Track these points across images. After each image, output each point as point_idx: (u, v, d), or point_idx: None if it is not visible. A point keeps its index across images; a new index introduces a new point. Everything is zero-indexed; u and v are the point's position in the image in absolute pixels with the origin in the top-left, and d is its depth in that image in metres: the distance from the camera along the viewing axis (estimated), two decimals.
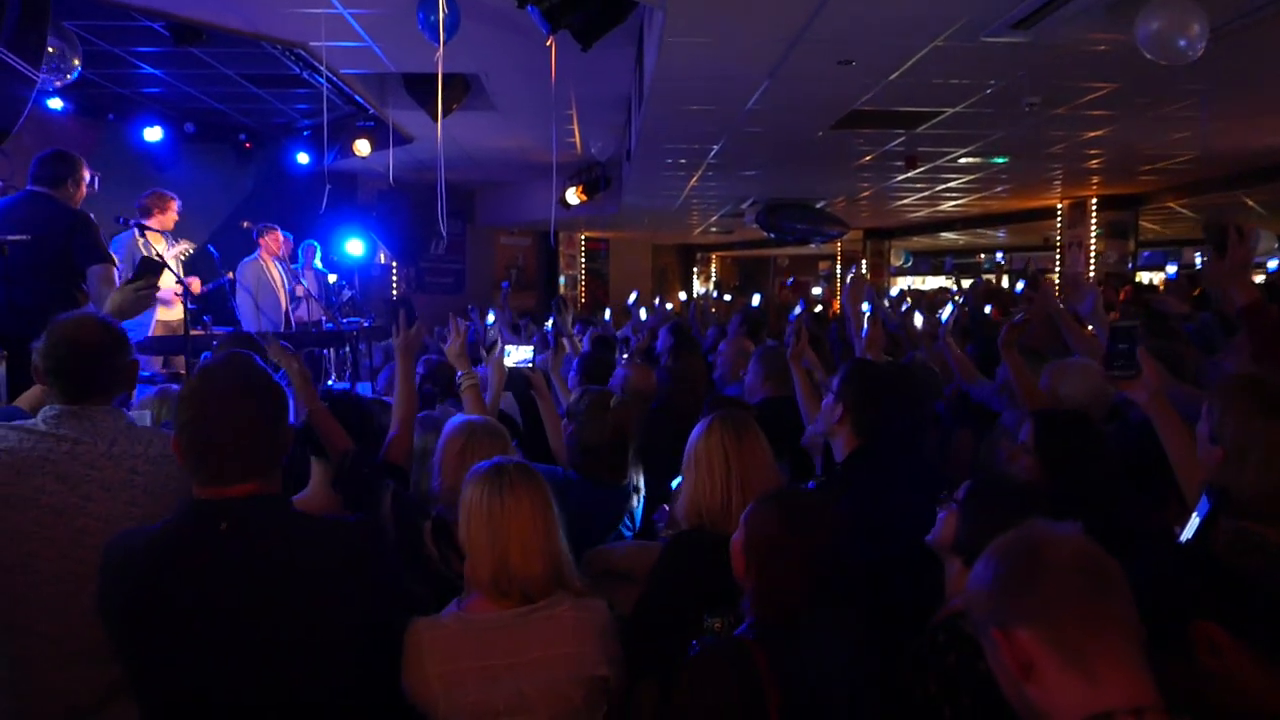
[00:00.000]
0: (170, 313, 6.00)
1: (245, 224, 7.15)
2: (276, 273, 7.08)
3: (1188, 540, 1.78)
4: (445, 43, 4.64)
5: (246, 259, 7.01)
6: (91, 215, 4.06)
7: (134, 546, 1.62)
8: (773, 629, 1.69)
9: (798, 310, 7.79)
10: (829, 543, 1.75)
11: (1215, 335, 4.72)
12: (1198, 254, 17.66)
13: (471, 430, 2.45)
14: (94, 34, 6.01)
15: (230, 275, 6.81)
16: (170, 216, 5.92)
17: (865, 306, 4.17)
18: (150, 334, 5.48)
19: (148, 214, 5.82)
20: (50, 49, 4.97)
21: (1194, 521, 1.88)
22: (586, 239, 17.07)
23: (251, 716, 1.58)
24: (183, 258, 5.91)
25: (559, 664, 1.81)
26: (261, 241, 7.04)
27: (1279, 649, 1.32)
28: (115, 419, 1.99)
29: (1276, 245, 12.19)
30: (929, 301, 9.16)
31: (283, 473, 1.72)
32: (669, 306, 11.53)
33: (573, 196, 10.67)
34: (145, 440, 1.97)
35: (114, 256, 4.15)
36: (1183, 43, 4.01)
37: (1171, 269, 14.88)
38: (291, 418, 2.05)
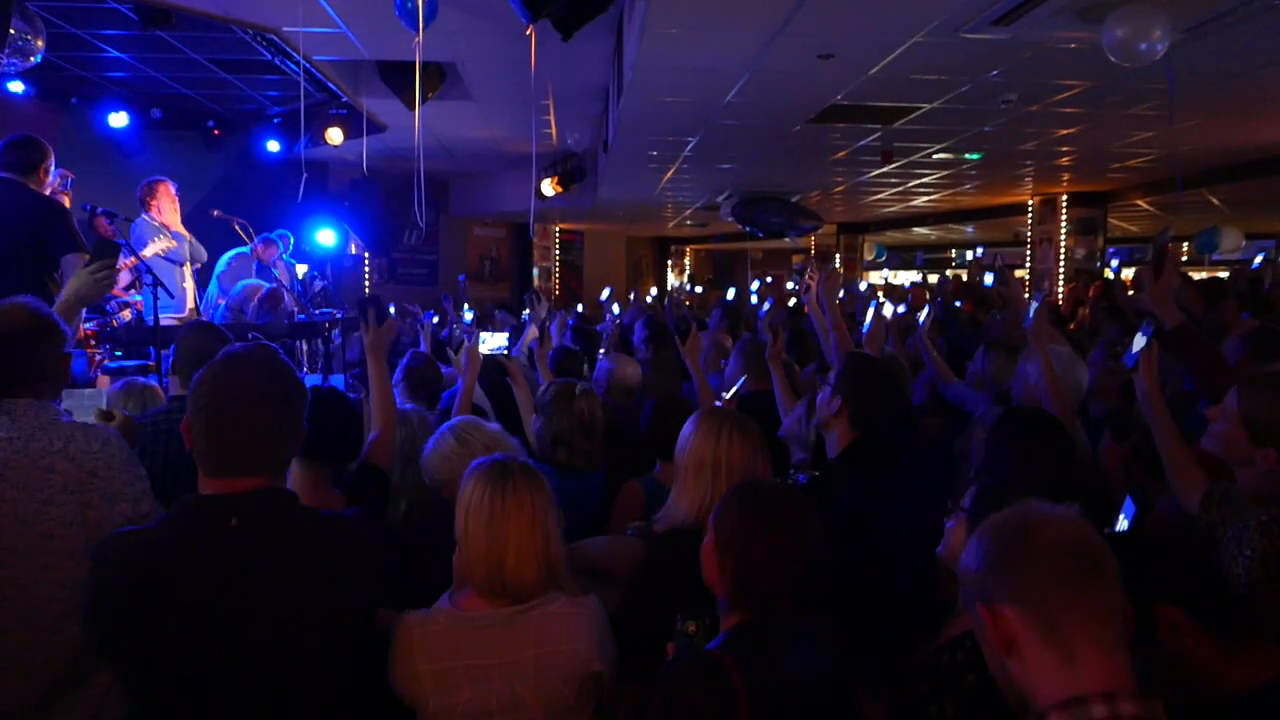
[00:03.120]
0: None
1: (215, 213, 7.02)
2: (251, 269, 7.04)
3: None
4: (424, 30, 4.57)
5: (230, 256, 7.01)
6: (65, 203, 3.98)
7: (131, 545, 1.56)
8: (749, 638, 1.61)
9: (765, 307, 7.76)
10: (803, 531, 1.68)
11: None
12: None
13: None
14: (58, 15, 5.84)
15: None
16: (163, 202, 5.88)
17: (843, 297, 4.24)
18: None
19: (145, 205, 5.81)
20: (12, 30, 4.84)
21: (1122, 522, 1.95)
22: (561, 230, 16.98)
23: (253, 709, 1.55)
24: (161, 254, 5.79)
25: (553, 662, 1.78)
26: (255, 250, 7.02)
27: (1228, 627, 1.42)
28: (38, 413, 1.90)
29: (1243, 244, 12.44)
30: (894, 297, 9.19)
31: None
32: (648, 297, 11.49)
33: (548, 188, 10.60)
34: (66, 435, 1.88)
35: (86, 245, 4.06)
36: (1144, 47, 4.18)
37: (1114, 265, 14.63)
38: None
